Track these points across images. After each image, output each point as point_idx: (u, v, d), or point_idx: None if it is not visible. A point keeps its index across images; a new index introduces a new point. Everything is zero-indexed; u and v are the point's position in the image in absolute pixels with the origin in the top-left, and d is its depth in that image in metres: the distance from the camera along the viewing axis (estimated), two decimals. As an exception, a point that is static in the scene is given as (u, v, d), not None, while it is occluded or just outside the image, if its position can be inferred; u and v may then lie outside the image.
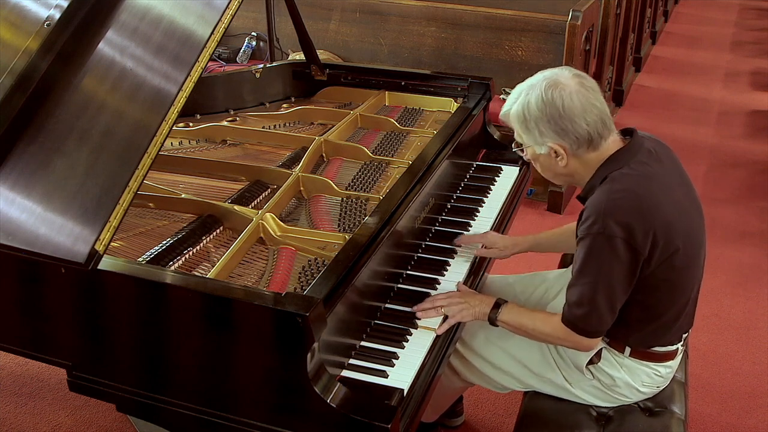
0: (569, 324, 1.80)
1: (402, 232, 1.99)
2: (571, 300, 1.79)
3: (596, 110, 1.75)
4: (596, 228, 1.71)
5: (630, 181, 1.75)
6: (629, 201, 1.72)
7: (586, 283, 1.76)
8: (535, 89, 1.77)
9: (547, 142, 1.78)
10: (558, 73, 1.79)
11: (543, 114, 1.75)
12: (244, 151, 2.46)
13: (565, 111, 1.73)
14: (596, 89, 1.79)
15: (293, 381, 1.51)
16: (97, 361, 1.73)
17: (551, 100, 1.74)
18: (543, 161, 1.86)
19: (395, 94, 2.84)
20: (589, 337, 1.81)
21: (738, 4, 8.89)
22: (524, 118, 1.79)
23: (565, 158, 1.80)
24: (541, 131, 1.77)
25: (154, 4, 1.89)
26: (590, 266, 1.75)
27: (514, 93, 1.84)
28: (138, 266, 1.69)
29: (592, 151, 1.79)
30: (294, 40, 3.07)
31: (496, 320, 1.92)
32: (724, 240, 3.82)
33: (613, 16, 4.52)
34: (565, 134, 1.76)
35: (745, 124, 5.39)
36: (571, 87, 1.75)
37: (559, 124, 1.75)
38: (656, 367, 1.93)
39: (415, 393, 1.69)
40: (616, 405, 1.98)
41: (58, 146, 1.75)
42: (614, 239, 1.70)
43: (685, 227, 1.79)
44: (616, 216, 1.70)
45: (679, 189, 1.83)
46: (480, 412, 2.67)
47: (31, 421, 2.61)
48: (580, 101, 1.74)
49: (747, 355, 3.00)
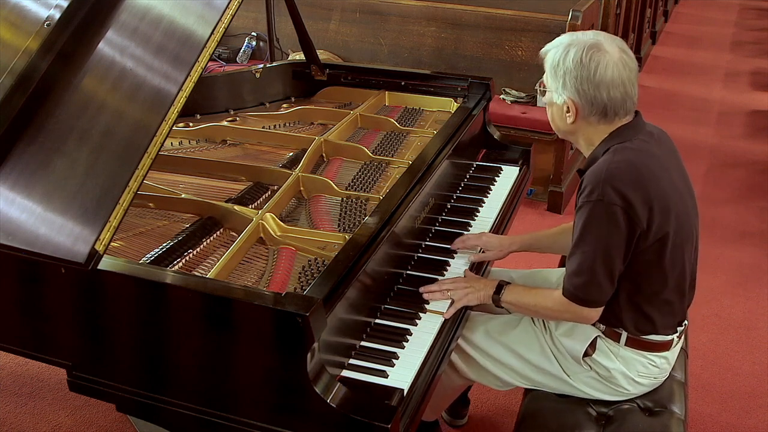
0: (570, 295, 1.84)
1: (402, 232, 1.99)
2: (570, 270, 1.84)
3: (623, 89, 1.81)
4: (595, 195, 1.76)
5: (630, 154, 1.80)
6: (629, 172, 1.77)
7: (585, 252, 1.80)
8: (578, 45, 1.81)
9: (565, 94, 1.83)
10: (606, 39, 1.83)
11: (574, 68, 1.80)
12: (244, 151, 2.46)
13: (595, 77, 1.78)
14: (634, 69, 1.84)
15: (293, 381, 1.51)
16: (97, 361, 1.73)
17: (587, 61, 1.78)
18: (555, 111, 1.91)
19: (395, 94, 2.84)
20: (589, 306, 1.85)
21: (738, 4, 8.89)
22: (557, 64, 1.83)
23: (573, 116, 1.85)
24: (565, 83, 1.82)
25: (154, 4, 1.89)
26: (589, 234, 1.79)
27: (560, 38, 1.88)
28: (138, 266, 1.69)
29: (602, 123, 1.85)
30: (294, 40, 3.07)
31: (500, 301, 1.98)
32: (724, 240, 3.82)
33: (613, 16, 4.52)
34: (584, 96, 1.81)
35: (745, 124, 5.39)
36: (612, 57, 1.79)
37: (584, 85, 1.80)
38: (651, 356, 1.94)
39: (415, 393, 1.69)
40: (617, 398, 1.99)
41: (58, 146, 1.75)
42: (613, 207, 1.74)
43: (680, 210, 1.84)
44: (615, 184, 1.75)
45: (675, 173, 1.88)
46: (480, 412, 2.67)
47: (31, 421, 2.61)
48: (612, 74, 1.79)
49: (747, 355, 3.00)
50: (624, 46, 1.85)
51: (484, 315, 2.14)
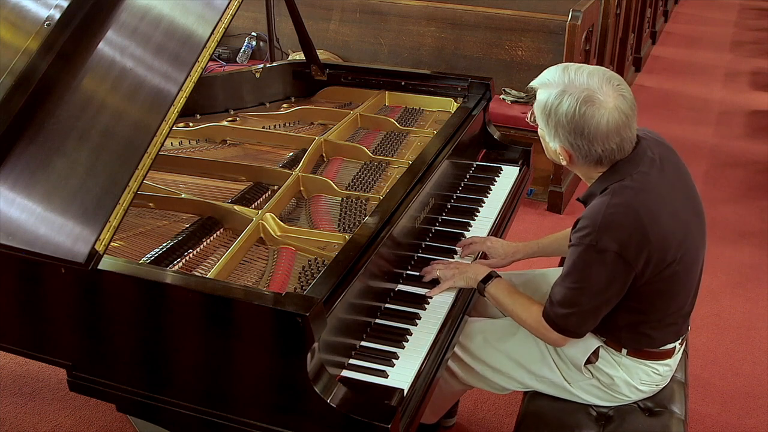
0: (548, 319, 1.83)
1: (402, 232, 1.99)
2: (554, 298, 1.81)
3: (618, 138, 1.72)
4: (589, 240, 1.72)
5: (629, 195, 1.73)
6: (626, 217, 1.71)
7: (572, 288, 1.77)
8: (573, 95, 1.70)
9: (558, 143, 1.78)
10: (604, 84, 1.71)
11: (567, 123, 1.72)
12: (244, 151, 2.46)
13: (589, 132, 1.70)
14: (629, 112, 1.72)
15: (293, 381, 1.51)
16: (97, 361, 1.73)
17: (582, 116, 1.69)
18: (547, 148, 1.86)
19: (395, 94, 2.84)
20: (563, 335, 1.84)
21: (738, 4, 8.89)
22: (549, 112, 1.75)
23: (566, 161, 1.81)
24: (557, 133, 1.76)
25: (154, 4, 1.89)
26: (578, 273, 1.76)
27: (551, 75, 1.77)
28: (138, 266, 1.69)
29: (598, 166, 1.79)
30: (294, 40, 3.07)
31: (484, 290, 1.98)
32: (724, 240, 3.83)
33: (613, 16, 4.52)
34: (578, 148, 1.75)
35: (745, 124, 5.39)
36: (606, 109, 1.69)
37: (577, 140, 1.73)
38: (655, 365, 1.93)
39: (415, 393, 1.69)
40: (615, 404, 1.98)
41: (58, 146, 1.75)
42: (606, 253, 1.70)
43: (683, 239, 1.79)
44: (611, 232, 1.70)
45: (679, 198, 1.82)
46: (480, 412, 2.67)
47: (31, 421, 2.61)
48: (608, 127, 1.70)
49: (747, 355, 3.00)
50: (619, 83, 1.73)
51: (482, 321, 2.13)
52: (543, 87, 1.78)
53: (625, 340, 1.90)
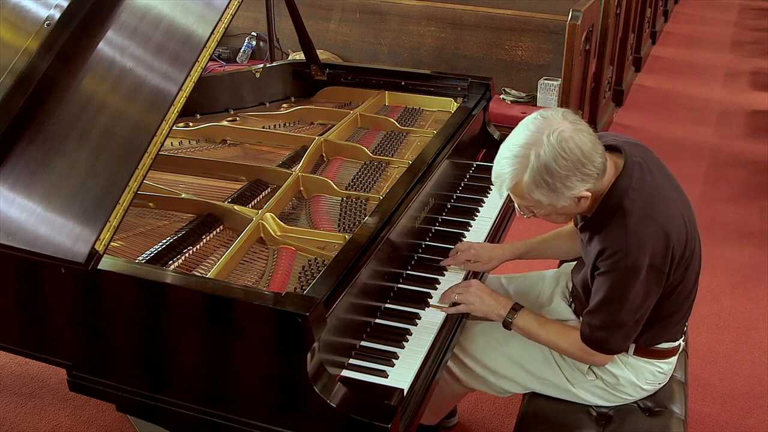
0: (593, 345, 1.83)
1: (402, 232, 1.99)
2: (594, 323, 1.81)
3: (594, 138, 1.69)
4: (623, 264, 1.72)
5: (641, 208, 1.74)
6: (649, 229, 1.72)
7: (612, 312, 1.78)
8: (541, 147, 1.65)
9: (574, 194, 1.70)
10: (548, 122, 1.68)
11: (569, 170, 1.65)
12: (244, 151, 2.46)
13: (586, 155, 1.66)
14: (578, 117, 1.72)
15: (293, 381, 1.51)
16: (97, 361, 1.73)
17: (572, 152, 1.64)
18: (563, 211, 1.77)
19: (395, 94, 2.84)
20: (608, 354, 1.85)
21: (738, 4, 8.88)
22: (547, 182, 1.66)
23: (589, 199, 1.74)
24: (569, 186, 1.68)
25: (154, 4, 1.89)
26: (618, 296, 1.75)
27: (508, 157, 1.70)
28: (138, 266, 1.69)
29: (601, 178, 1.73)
30: (294, 40, 3.07)
31: (511, 325, 1.94)
32: (724, 240, 3.82)
33: (613, 16, 4.52)
34: (590, 177, 1.68)
35: (745, 124, 5.39)
36: (569, 128, 1.66)
37: (586, 170, 1.67)
38: (659, 364, 1.95)
39: (415, 393, 1.69)
40: (617, 404, 1.98)
41: (58, 146, 1.75)
42: (641, 269, 1.71)
43: (691, 230, 1.82)
44: (641, 249, 1.71)
45: (672, 192, 1.85)
46: (480, 412, 2.67)
47: (31, 421, 2.61)
48: (587, 138, 1.67)
49: (747, 355, 3.00)
50: (556, 112, 1.71)
51: (483, 324, 2.12)
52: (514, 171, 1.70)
53: (641, 340, 1.90)
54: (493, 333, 2.06)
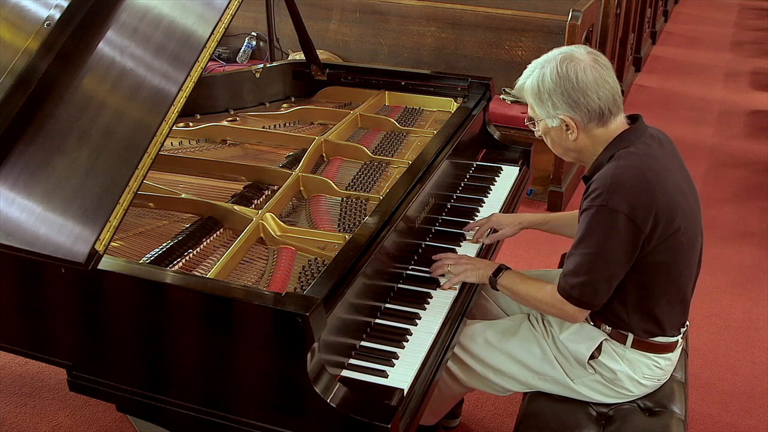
0: (563, 293, 1.86)
1: (402, 232, 1.99)
2: (567, 269, 1.85)
3: (608, 86, 1.81)
4: (600, 200, 1.77)
5: (635, 159, 1.81)
6: (634, 177, 1.77)
7: (584, 254, 1.81)
8: (550, 63, 1.82)
9: (559, 114, 1.83)
10: (573, 49, 1.85)
11: (557, 86, 1.80)
12: (244, 151, 2.46)
13: (579, 84, 1.79)
14: (609, 67, 1.84)
15: (293, 381, 1.51)
16: (97, 361, 1.73)
17: (565, 73, 1.79)
18: (554, 135, 1.90)
19: (395, 94, 2.84)
20: (580, 306, 1.86)
21: (738, 4, 8.89)
22: (538, 90, 1.84)
23: (575, 132, 1.85)
24: (554, 103, 1.82)
25: (154, 4, 1.89)
26: (591, 237, 1.80)
27: (529, 67, 1.89)
28: (138, 266, 1.69)
29: (602, 126, 1.85)
30: (294, 40, 3.07)
31: (496, 283, 2.01)
32: (724, 240, 3.83)
33: (613, 16, 4.52)
34: (578, 107, 1.81)
35: (745, 124, 5.39)
36: (586, 62, 1.80)
37: (572, 96, 1.80)
38: (656, 358, 1.95)
39: (415, 393, 1.69)
40: (618, 400, 1.99)
41: (58, 146, 1.75)
42: (617, 213, 1.75)
43: (685, 210, 1.84)
44: (620, 192, 1.75)
45: (679, 175, 1.88)
46: (480, 412, 2.67)
47: (31, 421, 2.61)
48: (594, 76, 1.79)
49: (747, 355, 3.00)
50: (588, 48, 1.87)
51: (482, 323, 2.13)
52: (525, 79, 1.90)
53: (634, 324, 1.90)
54: (493, 332, 2.07)
